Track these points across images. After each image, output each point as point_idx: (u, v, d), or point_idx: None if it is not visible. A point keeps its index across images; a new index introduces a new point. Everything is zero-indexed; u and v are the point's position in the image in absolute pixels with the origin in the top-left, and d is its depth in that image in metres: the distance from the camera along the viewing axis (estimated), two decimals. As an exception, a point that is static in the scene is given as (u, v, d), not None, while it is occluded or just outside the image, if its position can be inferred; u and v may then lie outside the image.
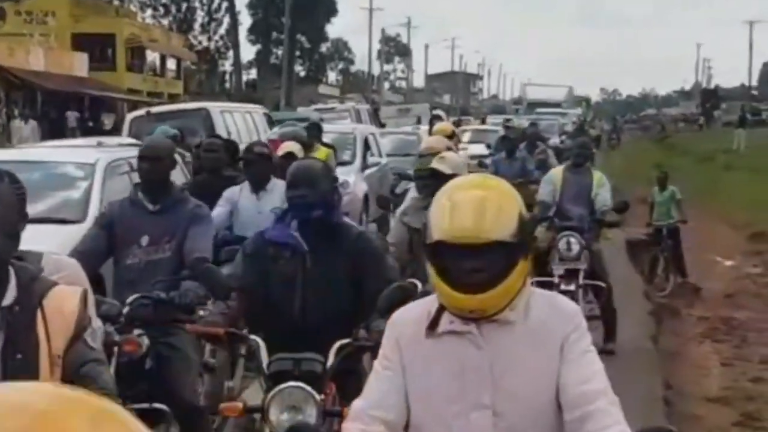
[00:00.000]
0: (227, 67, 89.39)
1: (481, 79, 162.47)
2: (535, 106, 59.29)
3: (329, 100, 62.73)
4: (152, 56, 64.39)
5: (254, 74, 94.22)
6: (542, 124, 36.52)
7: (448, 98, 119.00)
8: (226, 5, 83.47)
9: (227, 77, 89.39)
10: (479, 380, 3.10)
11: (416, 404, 3.17)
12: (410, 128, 29.35)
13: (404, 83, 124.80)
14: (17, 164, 10.48)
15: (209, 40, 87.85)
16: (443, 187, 3.27)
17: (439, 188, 6.51)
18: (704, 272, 15.55)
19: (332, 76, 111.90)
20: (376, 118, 36.94)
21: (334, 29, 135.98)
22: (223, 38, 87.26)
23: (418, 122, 38.13)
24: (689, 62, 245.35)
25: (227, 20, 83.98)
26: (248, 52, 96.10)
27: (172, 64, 68.25)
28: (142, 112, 22.29)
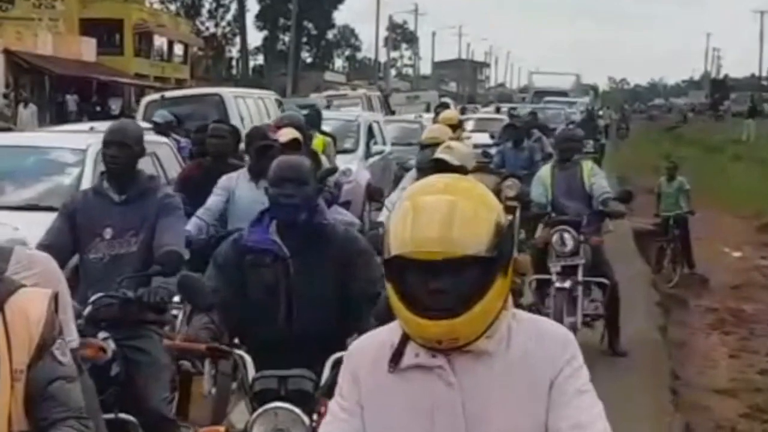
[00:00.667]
0: (234, 53, 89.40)
1: (488, 66, 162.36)
2: (541, 94, 58.96)
3: (341, 87, 62.53)
4: (160, 41, 64.39)
5: (261, 60, 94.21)
6: (548, 113, 36.41)
7: (454, 86, 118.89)
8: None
9: (234, 63, 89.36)
10: (450, 423, 2.62)
11: None
12: (413, 116, 29.00)
13: (411, 71, 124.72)
14: (5, 149, 10.39)
15: (216, 25, 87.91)
16: (407, 190, 2.73)
17: None
18: (712, 263, 15.52)
19: (339, 62, 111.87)
20: (386, 105, 36.95)
21: (341, 16, 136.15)
22: (230, 24, 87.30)
23: (427, 110, 38.03)
24: (698, 52, 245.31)
25: (234, 6, 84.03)
26: (255, 38, 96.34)
27: (179, 49, 68.24)
28: (156, 96, 22.54)
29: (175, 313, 6.05)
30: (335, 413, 2.76)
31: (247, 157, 9.08)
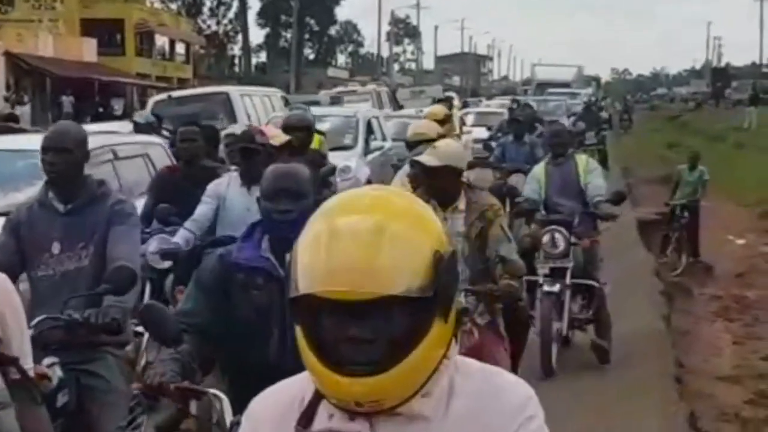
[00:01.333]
0: (236, 50, 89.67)
1: (491, 60, 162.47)
2: (544, 86, 59.01)
3: (349, 83, 62.51)
4: (161, 41, 64.48)
5: (263, 58, 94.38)
6: (549, 105, 36.35)
7: (458, 80, 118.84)
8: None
9: (236, 61, 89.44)
10: None
11: None
12: (414, 111, 28.92)
13: (414, 65, 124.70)
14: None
15: (218, 24, 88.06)
16: (322, 206, 2.17)
17: (435, 185, 5.99)
18: (716, 251, 15.52)
19: (341, 58, 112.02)
20: (394, 100, 37.02)
21: (342, 12, 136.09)
22: (231, 22, 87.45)
23: (433, 104, 38.01)
24: (700, 41, 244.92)
25: (236, 4, 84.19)
26: (257, 35, 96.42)
27: (181, 48, 68.33)
28: (163, 96, 22.90)
29: (140, 329, 5.57)
30: None
31: (227, 160, 8.94)
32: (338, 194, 2.20)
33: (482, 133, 25.61)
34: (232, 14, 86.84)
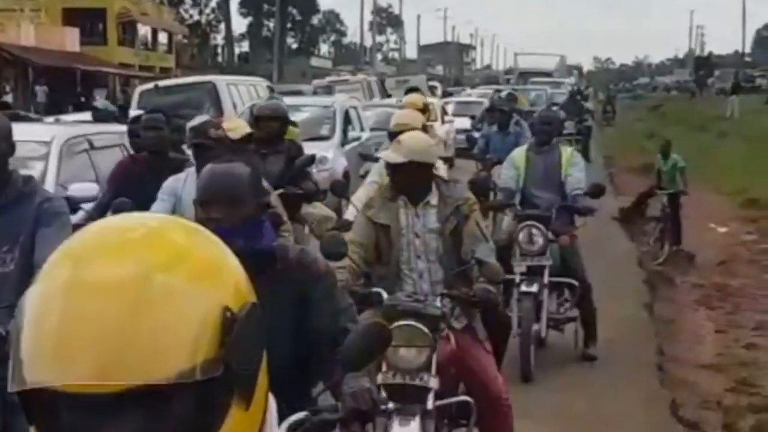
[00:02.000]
0: (219, 40, 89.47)
1: (474, 49, 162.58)
2: (526, 75, 59.07)
3: (333, 72, 62.47)
4: (143, 30, 64.28)
5: (246, 47, 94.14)
6: (530, 95, 36.32)
7: (441, 69, 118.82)
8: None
9: (219, 50, 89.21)
10: None
11: None
12: (395, 100, 28.78)
13: (397, 54, 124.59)
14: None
15: (200, 13, 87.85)
16: (64, 244, 1.50)
17: (401, 181, 5.58)
18: (698, 239, 15.55)
19: (324, 48, 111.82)
20: (383, 89, 37.12)
21: (325, 1, 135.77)
22: (214, 11, 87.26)
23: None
24: (683, 30, 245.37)
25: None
26: (240, 25, 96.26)
27: (163, 38, 68.14)
28: (150, 85, 23.04)
29: None
30: None
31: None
32: (90, 225, 1.53)
33: (465, 123, 25.45)
34: (214, 3, 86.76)
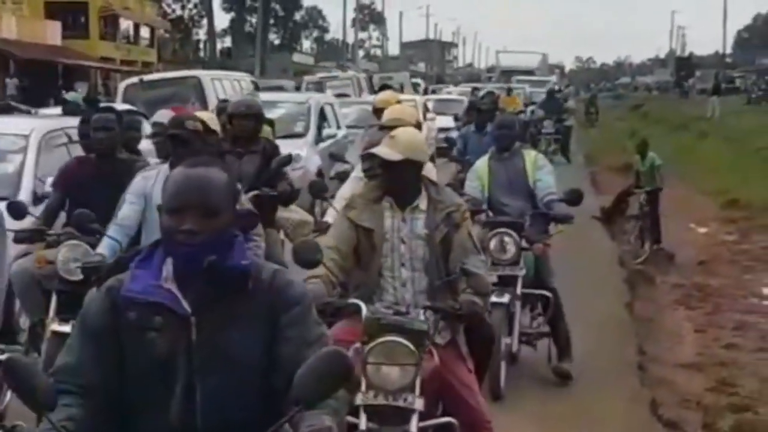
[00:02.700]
0: (201, 35, 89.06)
1: (456, 47, 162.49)
2: (509, 73, 59.20)
3: (333, 69, 62.26)
4: (126, 24, 64.04)
5: (228, 42, 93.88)
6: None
7: (423, 66, 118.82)
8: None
9: (201, 45, 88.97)
10: None
11: None
12: (372, 97, 28.60)
13: (379, 51, 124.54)
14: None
15: (183, 8, 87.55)
16: None
17: (390, 179, 5.21)
18: (678, 239, 15.62)
19: (306, 44, 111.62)
20: (370, 85, 37.20)
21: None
22: (197, 6, 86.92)
23: (401, 90, 38.22)
24: (664, 30, 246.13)
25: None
26: (222, 20, 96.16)
27: (145, 32, 67.90)
28: (135, 80, 23.15)
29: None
30: None
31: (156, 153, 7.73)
32: None
33: (447, 121, 25.24)
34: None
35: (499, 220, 8.23)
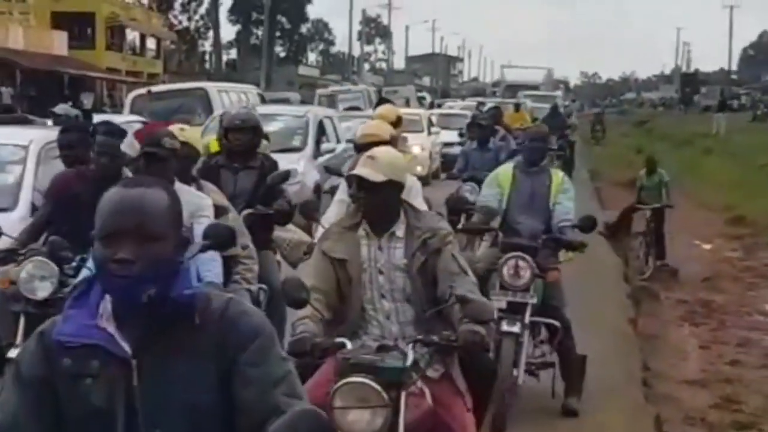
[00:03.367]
0: (207, 47, 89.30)
1: (461, 61, 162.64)
2: (513, 88, 59.16)
3: (346, 84, 62.42)
4: (132, 35, 64.18)
5: (234, 54, 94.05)
6: (510, 109, 36.28)
7: (428, 80, 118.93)
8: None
9: (207, 57, 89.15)
10: None
11: None
12: (372, 111, 28.39)
13: (384, 65, 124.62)
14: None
15: (189, 19, 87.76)
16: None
17: (370, 202, 4.82)
18: (683, 256, 15.62)
19: (312, 57, 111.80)
20: (381, 99, 37.51)
21: (314, 10, 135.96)
22: (203, 18, 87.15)
23: (406, 104, 38.62)
24: (669, 46, 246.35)
25: (207, 0, 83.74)
26: (228, 32, 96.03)
27: (151, 43, 68.05)
28: (143, 91, 23.41)
29: None
30: None
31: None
32: None
33: (452, 136, 25.15)
34: (203, 10, 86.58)
35: (513, 242, 7.69)
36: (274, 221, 7.81)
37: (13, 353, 5.63)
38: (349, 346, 4.48)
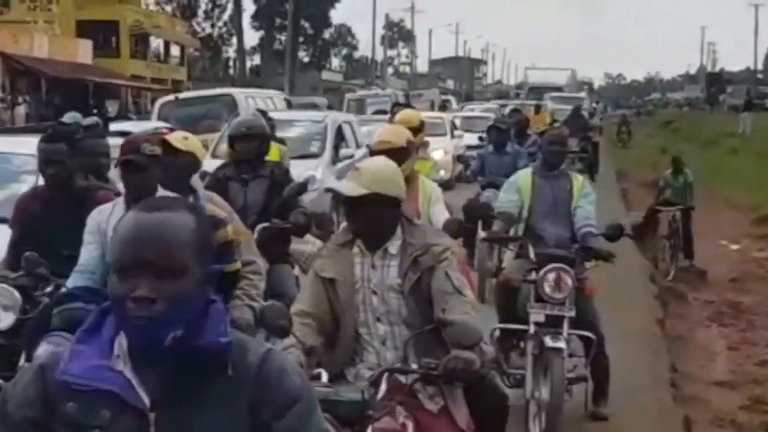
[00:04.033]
0: (231, 53, 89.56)
1: (485, 64, 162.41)
2: (537, 90, 59.05)
3: (369, 87, 62.65)
4: (156, 43, 64.40)
5: (258, 60, 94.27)
6: (529, 110, 36.23)
7: (452, 83, 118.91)
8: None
9: (231, 63, 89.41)
10: None
11: None
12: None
13: (408, 69, 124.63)
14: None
15: (213, 26, 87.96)
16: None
17: (360, 219, 4.42)
18: (710, 256, 15.56)
19: (335, 62, 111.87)
20: (408, 103, 37.82)
21: (337, 15, 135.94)
22: (226, 24, 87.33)
23: (431, 107, 39.27)
24: (694, 46, 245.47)
25: (231, 6, 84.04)
26: (252, 38, 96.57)
27: (175, 50, 68.25)
28: (170, 97, 23.92)
29: None
30: None
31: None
32: None
33: (475, 139, 25.08)
34: (226, 17, 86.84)
35: (550, 253, 7.31)
36: (290, 234, 7.49)
37: None
38: (324, 377, 4.09)
